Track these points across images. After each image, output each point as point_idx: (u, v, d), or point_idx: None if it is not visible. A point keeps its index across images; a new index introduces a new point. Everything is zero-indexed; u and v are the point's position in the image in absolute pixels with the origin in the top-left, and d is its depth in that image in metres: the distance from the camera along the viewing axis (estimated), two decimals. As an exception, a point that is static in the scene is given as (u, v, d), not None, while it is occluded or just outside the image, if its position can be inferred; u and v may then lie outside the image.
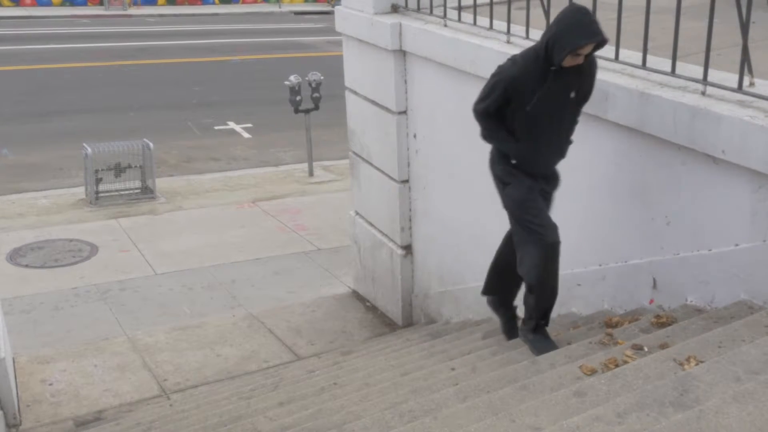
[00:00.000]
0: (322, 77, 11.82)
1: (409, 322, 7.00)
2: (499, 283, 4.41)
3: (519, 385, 3.29)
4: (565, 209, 4.77)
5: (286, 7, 32.47)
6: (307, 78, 11.74)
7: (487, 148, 4.11)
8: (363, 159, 7.19)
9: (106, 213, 10.36)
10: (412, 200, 6.62)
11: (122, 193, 10.92)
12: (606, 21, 4.31)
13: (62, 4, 29.53)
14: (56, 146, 12.92)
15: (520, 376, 3.49)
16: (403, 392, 3.81)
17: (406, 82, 6.27)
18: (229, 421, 4.31)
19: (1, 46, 21.32)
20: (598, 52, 3.69)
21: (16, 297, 7.73)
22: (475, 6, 5.44)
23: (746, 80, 3.60)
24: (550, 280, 3.94)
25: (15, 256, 8.90)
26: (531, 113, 3.79)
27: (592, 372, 3.27)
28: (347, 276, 8.08)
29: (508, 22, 5.06)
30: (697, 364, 3.00)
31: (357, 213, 7.57)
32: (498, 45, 5.08)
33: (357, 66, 6.93)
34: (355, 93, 7.05)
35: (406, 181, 6.58)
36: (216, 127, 14.75)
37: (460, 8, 5.66)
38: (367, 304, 7.56)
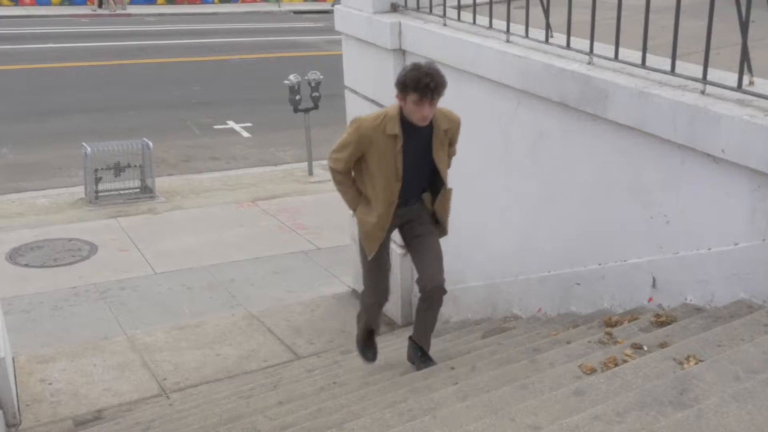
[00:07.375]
0: (321, 76, 11.81)
1: (408, 322, 6.99)
2: None
3: (518, 384, 3.28)
4: (564, 208, 4.77)
5: (285, 7, 32.45)
6: (306, 77, 11.73)
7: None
8: (362, 158, 7.18)
9: (105, 212, 10.36)
10: (411, 199, 6.60)
11: (121, 192, 10.91)
12: (606, 20, 4.32)
13: (61, 4, 29.52)
14: (56, 145, 12.90)
15: (519, 375, 3.49)
16: (402, 391, 3.80)
17: (405, 81, 6.26)
18: (228, 421, 4.31)
19: (0, 46, 21.30)
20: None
21: (16, 296, 7.73)
22: (474, 5, 5.44)
23: (746, 79, 3.60)
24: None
25: (14, 256, 8.89)
26: None
27: (592, 371, 3.27)
28: (347, 275, 8.07)
29: (508, 21, 5.06)
30: (696, 363, 3.00)
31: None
32: (498, 44, 5.08)
33: (356, 65, 6.93)
34: (355, 92, 7.04)
35: (406, 180, 6.57)
36: (215, 127, 14.73)
37: (459, 7, 5.66)
38: (367, 303, 7.55)
